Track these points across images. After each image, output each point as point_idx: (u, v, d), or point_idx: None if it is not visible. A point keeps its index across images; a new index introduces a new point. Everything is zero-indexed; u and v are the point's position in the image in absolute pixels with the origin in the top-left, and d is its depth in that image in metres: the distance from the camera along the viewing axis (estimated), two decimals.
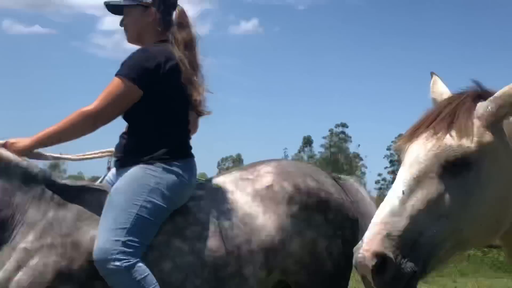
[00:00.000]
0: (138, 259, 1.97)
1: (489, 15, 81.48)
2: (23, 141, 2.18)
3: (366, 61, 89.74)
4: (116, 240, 1.94)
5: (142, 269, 1.97)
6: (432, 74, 1.60)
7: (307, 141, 63.91)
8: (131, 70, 2.16)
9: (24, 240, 2.00)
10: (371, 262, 1.22)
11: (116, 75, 2.17)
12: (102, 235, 1.97)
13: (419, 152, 1.36)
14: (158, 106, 2.21)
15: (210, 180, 2.43)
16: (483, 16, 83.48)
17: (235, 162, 63.82)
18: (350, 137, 61.80)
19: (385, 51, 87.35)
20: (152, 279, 1.98)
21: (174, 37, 2.24)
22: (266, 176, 2.31)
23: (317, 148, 62.66)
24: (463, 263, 10.51)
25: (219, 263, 2.07)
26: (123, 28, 2.36)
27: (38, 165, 2.28)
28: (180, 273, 2.05)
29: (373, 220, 1.33)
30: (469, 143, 1.32)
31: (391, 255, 1.24)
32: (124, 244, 1.95)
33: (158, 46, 2.26)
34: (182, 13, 2.33)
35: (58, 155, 2.44)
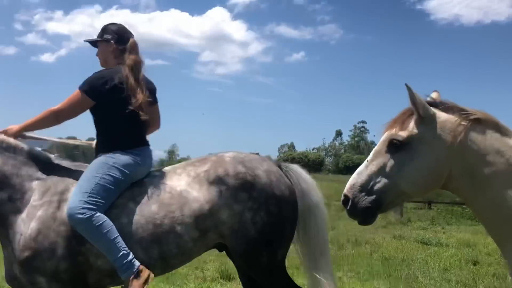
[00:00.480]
0: (96, 212, 2.71)
1: None
2: (14, 127, 3.01)
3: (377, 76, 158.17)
4: (80, 200, 2.71)
5: (99, 218, 2.70)
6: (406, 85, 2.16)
7: (338, 133, 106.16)
8: (86, 85, 2.95)
9: (31, 200, 2.82)
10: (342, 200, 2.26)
11: (79, 87, 2.96)
12: (72, 198, 2.75)
13: (381, 138, 2.28)
14: (109, 112, 3.01)
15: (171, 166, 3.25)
16: None
17: (290, 148, 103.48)
18: (368, 130, 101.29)
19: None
20: (108, 224, 2.71)
21: (124, 61, 3.04)
22: (207, 163, 3.02)
23: (345, 138, 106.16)
24: (449, 215, 15.66)
25: (157, 222, 2.80)
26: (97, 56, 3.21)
27: (38, 148, 3.20)
28: (132, 227, 2.80)
29: (350, 178, 2.27)
30: (403, 133, 2.18)
31: (351, 196, 2.20)
32: (86, 202, 2.70)
33: (111, 68, 3.05)
34: (133, 44, 3.11)
35: (47, 138, 3.32)
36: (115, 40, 3.08)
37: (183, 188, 2.90)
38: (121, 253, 2.66)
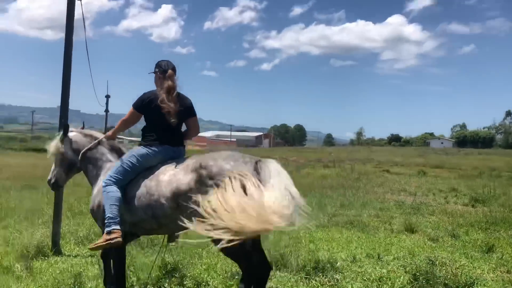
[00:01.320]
0: (110, 185, 3.97)
1: None
2: (109, 132, 4.52)
3: None
4: (108, 175, 4.07)
5: (109, 189, 3.95)
6: None
7: (508, 113, 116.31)
8: (134, 103, 4.21)
9: (101, 176, 4.29)
10: None
11: (132, 104, 4.25)
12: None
13: None
14: (146, 120, 4.25)
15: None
16: None
17: (462, 127, 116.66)
18: None
19: None
20: (112, 194, 3.92)
21: (162, 86, 4.16)
22: (196, 158, 3.87)
23: None
24: None
25: (151, 193, 3.83)
26: None
27: (118, 144, 4.62)
28: (138, 194, 3.92)
29: None
30: None
31: None
32: (109, 176, 4.03)
33: (153, 90, 4.23)
34: (170, 74, 4.19)
35: (128, 138, 4.87)
36: (160, 72, 4.26)
37: (173, 172, 3.84)
38: (108, 215, 3.87)
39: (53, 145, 4.60)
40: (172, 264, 4.97)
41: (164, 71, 4.22)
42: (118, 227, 3.85)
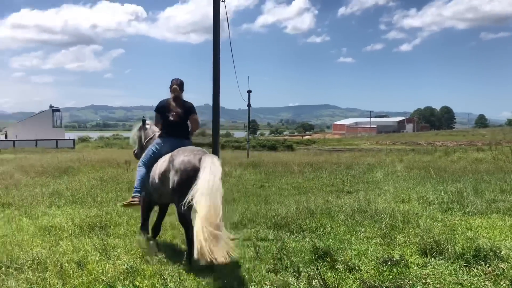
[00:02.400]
0: (140, 166, 5.81)
1: None
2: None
3: None
4: (141, 158, 5.94)
5: (139, 168, 5.80)
6: None
7: None
8: (155, 107, 5.95)
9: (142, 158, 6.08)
10: None
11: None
12: None
13: None
14: (161, 119, 5.87)
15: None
16: None
17: None
18: None
19: None
20: (140, 173, 5.78)
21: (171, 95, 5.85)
22: (172, 152, 5.36)
23: None
24: None
25: (152, 173, 5.57)
26: None
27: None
28: (151, 174, 5.61)
29: None
30: None
31: None
32: (141, 160, 5.91)
33: (166, 98, 5.91)
34: (174, 88, 5.83)
35: None
36: (170, 86, 5.90)
37: (162, 160, 5.45)
38: (135, 185, 5.81)
39: (134, 131, 6.64)
40: (322, 249, 5.06)
41: (171, 86, 5.86)
42: (137, 194, 5.73)
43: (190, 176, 4.89)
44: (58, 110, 60.47)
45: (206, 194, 4.57)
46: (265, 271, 4.67)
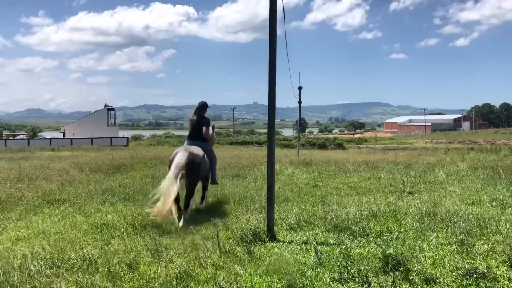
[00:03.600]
0: None
1: None
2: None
3: None
4: None
5: None
6: None
7: None
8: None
9: None
10: None
11: None
12: None
13: None
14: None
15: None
16: None
17: None
18: None
19: None
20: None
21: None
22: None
23: None
24: None
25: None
26: None
27: None
28: None
29: None
30: None
31: None
32: None
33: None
34: (197, 107, 8.98)
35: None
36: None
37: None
38: None
39: (210, 132, 8.76)
40: (393, 256, 4.53)
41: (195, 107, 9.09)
42: None
43: (169, 165, 7.75)
44: (112, 109, 62.34)
45: (166, 180, 7.27)
46: (329, 279, 4.21)
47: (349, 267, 4.38)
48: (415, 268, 4.33)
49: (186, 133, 9.29)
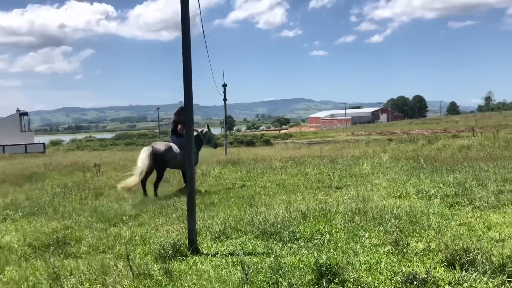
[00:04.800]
0: None
1: None
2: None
3: None
4: None
5: None
6: None
7: None
8: None
9: None
10: None
11: None
12: None
13: None
14: None
15: None
16: None
17: None
18: None
19: None
20: None
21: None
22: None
23: None
24: None
25: None
26: None
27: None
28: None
29: None
30: None
31: None
32: None
33: None
34: (176, 112, 11.06)
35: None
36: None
37: None
38: None
39: (201, 130, 11.33)
40: (326, 265, 4.08)
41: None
42: None
43: None
44: (25, 113, 57.93)
45: (137, 165, 10.46)
46: None
47: (279, 282, 3.88)
48: (351, 278, 3.93)
49: (108, 135, 10.27)
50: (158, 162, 10.52)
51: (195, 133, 10.71)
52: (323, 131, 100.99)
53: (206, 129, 11.61)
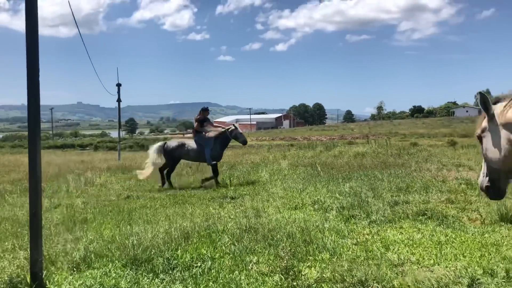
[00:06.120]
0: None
1: None
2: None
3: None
4: None
5: None
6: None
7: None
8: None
9: None
10: None
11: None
12: None
13: None
14: None
15: None
16: None
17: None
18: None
19: None
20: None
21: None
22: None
23: None
24: None
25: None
26: None
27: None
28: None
29: None
30: (477, 130, 2.97)
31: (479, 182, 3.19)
32: None
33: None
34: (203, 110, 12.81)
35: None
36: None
37: None
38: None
39: (228, 128, 12.57)
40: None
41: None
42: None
43: None
44: None
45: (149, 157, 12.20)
46: None
47: None
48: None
49: None
50: (168, 157, 12.16)
51: (219, 130, 12.44)
52: None
53: (232, 127, 12.54)
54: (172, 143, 12.40)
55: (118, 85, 22.37)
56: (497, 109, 2.79)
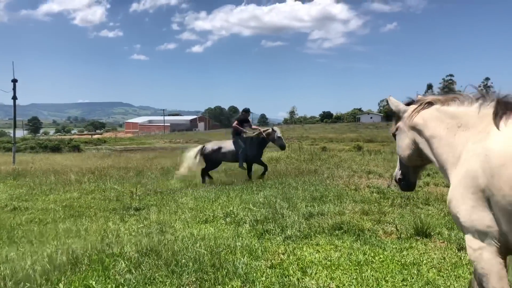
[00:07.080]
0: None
1: None
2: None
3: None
4: None
5: None
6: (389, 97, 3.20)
7: (429, 87, 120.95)
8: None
9: None
10: None
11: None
12: None
13: None
14: None
15: None
16: None
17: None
18: (456, 81, 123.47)
19: None
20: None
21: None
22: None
23: (436, 90, 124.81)
24: None
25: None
26: None
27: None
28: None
29: None
30: (392, 127, 3.18)
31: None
32: None
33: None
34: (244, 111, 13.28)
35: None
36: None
37: None
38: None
39: (265, 129, 12.60)
40: None
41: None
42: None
43: None
44: None
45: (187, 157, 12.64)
46: None
47: None
48: None
49: None
50: (207, 160, 12.50)
51: (255, 132, 12.58)
52: (140, 137, 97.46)
53: (270, 130, 12.50)
54: (210, 146, 12.69)
55: (14, 81, 20.17)
56: (408, 111, 2.98)
